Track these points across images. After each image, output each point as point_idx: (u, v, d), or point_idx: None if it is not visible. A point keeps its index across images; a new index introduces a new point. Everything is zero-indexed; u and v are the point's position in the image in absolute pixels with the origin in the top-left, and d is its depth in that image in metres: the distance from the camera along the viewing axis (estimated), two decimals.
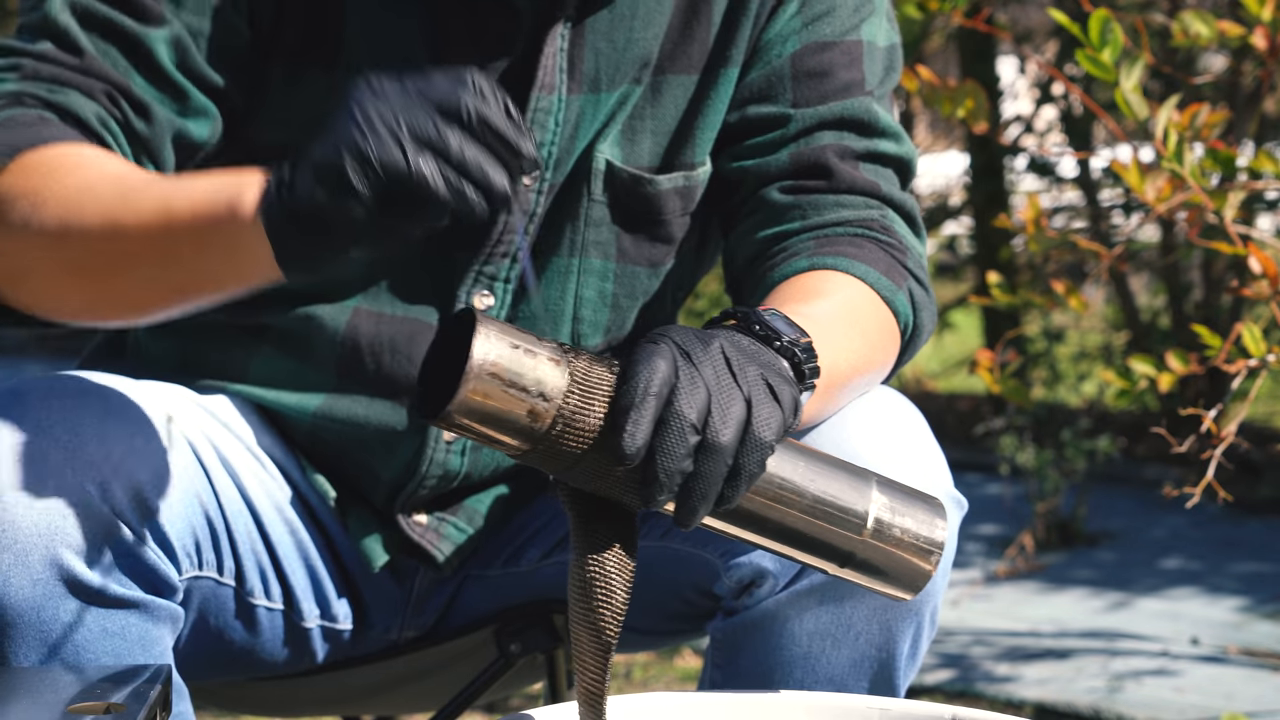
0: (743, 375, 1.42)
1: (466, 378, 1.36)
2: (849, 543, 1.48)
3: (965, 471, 5.31)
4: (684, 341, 1.42)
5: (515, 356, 1.37)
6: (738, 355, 1.43)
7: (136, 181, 1.57)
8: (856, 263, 1.75)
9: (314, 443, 1.89)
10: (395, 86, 1.40)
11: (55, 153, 1.61)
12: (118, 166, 1.61)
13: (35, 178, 1.60)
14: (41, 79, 1.68)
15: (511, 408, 1.37)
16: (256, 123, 1.77)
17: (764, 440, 1.41)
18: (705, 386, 1.39)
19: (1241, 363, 2.31)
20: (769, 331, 1.51)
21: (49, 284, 1.61)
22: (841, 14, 1.83)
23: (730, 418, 1.40)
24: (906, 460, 1.71)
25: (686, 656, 3.76)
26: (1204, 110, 2.34)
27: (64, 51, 1.69)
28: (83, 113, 1.67)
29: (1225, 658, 3.74)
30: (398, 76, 1.41)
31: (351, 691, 2.04)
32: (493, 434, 1.38)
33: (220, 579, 1.81)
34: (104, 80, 1.69)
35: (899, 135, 1.85)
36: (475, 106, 1.38)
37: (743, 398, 1.41)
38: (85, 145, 1.63)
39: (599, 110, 1.81)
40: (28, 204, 1.59)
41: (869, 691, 1.74)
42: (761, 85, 1.83)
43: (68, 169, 1.60)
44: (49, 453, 1.57)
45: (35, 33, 1.71)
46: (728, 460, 1.40)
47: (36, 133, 1.63)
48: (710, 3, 1.81)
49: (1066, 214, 5.87)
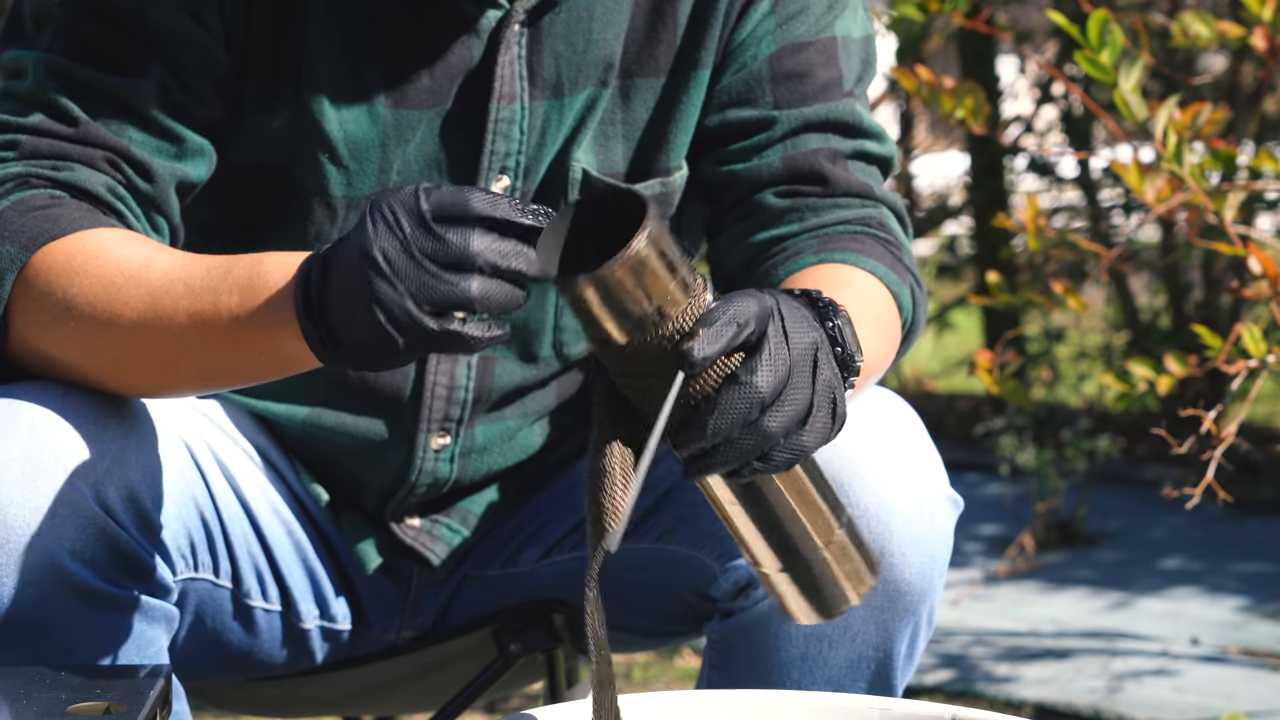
0: (821, 376, 1.42)
1: (629, 251, 1.33)
2: (809, 548, 1.48)
3: (965, 471, 5.30)
4: (788, 314, 1.42)
5: (674, 250, 1.36)
6: (825, 357, 1.43)
7: (163, 282, 1.57)
8: (865, 258, 1.75)
9: (305, 448, 1.89)
10: (408, 233, 1.42)
11: (76, 248, 1.61)
12: (140, 257, 1.60)
13: (62, 279, 1.60)
14: (42, 155, 1.67)
15: (645, 296, 1.35)
16: (233, 145, 1.77)
17: (805, 447, 1.42)
18: (788, 368, 1.39)
19: (1241, 363, 2.31)
20: (842, 341, 1.51)
21: (88, 378, 1.63)
22: (815, 11, 1.82)
23: (790, 411, 1.40)
24: (901, 460, 1.71)
25: (686, 656, 3.76)
26: (1205, 109, 2.34)
27: (57, 122, 1.68)
28: (92, 187, 1.66)
29: (1225, 658, 3.74)
30: (411, 208, 1.43)
31: (351, 692, 2.04)
32: (607, 314, 1.36)
33: (217, 581, 1.81)
34: (102, 147, 1.68)
35: (881, 135, 1.85)
36: (489, 254, 1.41)
37: (809, 398, 1.41)
38: (101, 230, 1.62)
39: (564, 115, 1.79)
40: (59, 307, 1.60)
41: (867, 692, 1.74)
42: (740, 88, 1.82)
43: (90, 271, 1.59)
44: (42, 454, 1.57)
45: (24, 104, 1.69)
46: (765, 446, 1.40)
47: (52, 219, 1.62)
48: (675, 4, 1.80)
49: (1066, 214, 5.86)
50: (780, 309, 1.41)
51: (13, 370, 1.64)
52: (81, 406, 1.60)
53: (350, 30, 1.73)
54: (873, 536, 1.68)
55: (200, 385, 1.62)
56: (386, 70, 1.75)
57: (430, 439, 1.86)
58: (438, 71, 1.75)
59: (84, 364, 1.61)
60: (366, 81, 1.74)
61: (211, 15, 1.70)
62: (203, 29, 1.70)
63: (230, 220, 1.79)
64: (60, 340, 1.61)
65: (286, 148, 1.76)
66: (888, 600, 1.71)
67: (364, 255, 1.42)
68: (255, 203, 1.78)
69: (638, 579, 1.90)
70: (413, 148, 1.77)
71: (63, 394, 1.61)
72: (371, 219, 1.43)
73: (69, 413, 1.59)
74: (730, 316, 1.37)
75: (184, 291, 1.55)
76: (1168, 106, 2.28)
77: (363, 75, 1.74)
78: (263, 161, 1.77)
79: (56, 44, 1.69)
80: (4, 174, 1.66)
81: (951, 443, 5.50)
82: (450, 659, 2.00)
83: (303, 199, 1.77)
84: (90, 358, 1.60)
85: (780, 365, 1.39)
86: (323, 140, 1.75)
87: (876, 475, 1.69)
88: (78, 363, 1.61)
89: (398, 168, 1.77)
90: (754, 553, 1.49)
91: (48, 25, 1.70)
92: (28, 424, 1.58)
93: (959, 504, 1.76)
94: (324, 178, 1.76)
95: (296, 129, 1.75)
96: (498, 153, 1.77)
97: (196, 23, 1.70)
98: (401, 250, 1.41)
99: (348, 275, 1.43)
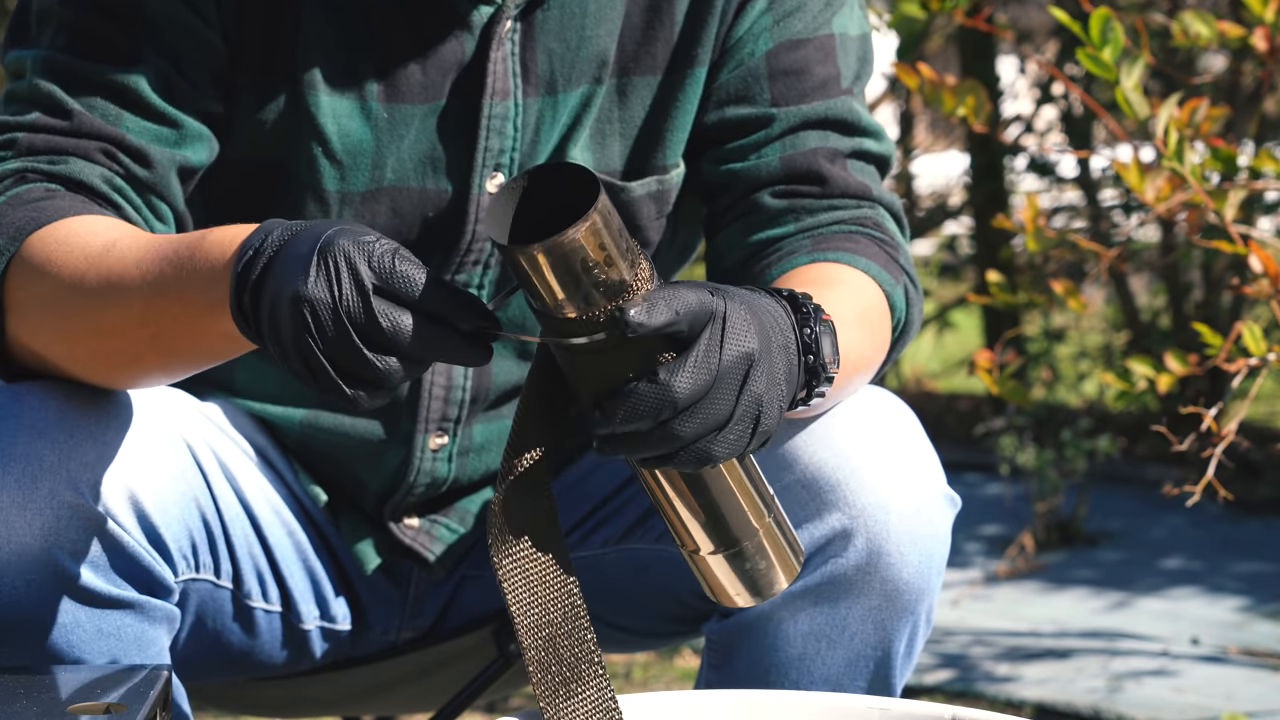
0: (749, 390, 1.41)
1: (584, 220, 1.33)
2: (744, 528, 1.48)
3: (965, 471, 5.30)
4: (734, 319, 1.40)
5: (622, 229, 1.36)
6: (760, 371, 1.41)
7: (118, 265, 1.56)
8: (858, 257, 1.74)
9: (303, 449, 1.89)
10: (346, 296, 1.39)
11: (51, 237, 1.61)
12: (101, 242, 1.59)
13: (39, 270, 1.60)
14: (38, 151, 1.68)
15: (590, 266, 1.35)
16: (230, 138, 1.77)
17: (714, 456, 1.41)
18: (712, 377, 1.39)
19: (1242, 361, 2.31)
20: (817, 349, 1.50)
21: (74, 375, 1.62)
22: (812, 8, 1.82)
23: (704, 419, 1.39)
24: (898, 460, 1.70)
25: (686, 656, 3.75)
26: (1203, 105, 2.34)
27: (53, 117, 1.69)
28: (88, 179, 1.67)
29: (1225, 658, 3.74)
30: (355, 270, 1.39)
31: (351, 692, 2.04)
32: (556, 280, 1.35)
33: (218, 582, 1.81)
34: (97, 138, 1.68)
35: (879, 133, 1.85)
36: (416, 345, 1.39)
37: (729, 411, 1.40)
38: (80, 217, 1.62)
39: (559, 112, 1.79)
40: (37, 299, 1.60)
41: (866, 691, 1.74)
42: (737, 86, 1.82)
43: (59, 260, 1.59)
44: (44, 454, 1.57)
45: (22, 103, 1.70)
46: (671, 446, 1.39)
47: (41, 209, 1.63)
48: (672, 2, 1.80)
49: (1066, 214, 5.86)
50: (726, 313, 1.39)
51: (17, 371, 1.64)
52: (84, 407, 1.60)
53: (344, 24, 1.74)
54: (870, 536, 1.68)
55: (167, 369, 1.60)
56: (379, 64, 1.75)
57: (428, 439, 1.86)
58: (430, 67, 1.75)
59: (66, 358, 1.60)
60: (360, 75, 1.74)
61: (208, 5, 1.71)
62: (198, 18, 1.71)
63: (226, 217, 1.79)
64: (44, 334, 1.61)
65: (281, 142, 1.76)
66: (886, 599, 1.71)
67: (295, 299, 1.39)
68: (250, 199, 1.78)
69: (638, 579, 1.90)
70: (407, 144, 1.77)
71: (66, 394, 1.61)
72: (319, 260, 1.39)
73: (71, 413, 1.59)
74: (667, 302, 1.37)
75: (135, 273, 1.54)
76: (1169, 104, 2.28)
77: (356, 69, 1.75)
78: (258, 156, 1.77)
79: (57, 40, 1.70)
80: (2, 170, 1.66)
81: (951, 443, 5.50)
82: (450, 659, 2.00)
83: (297, 194, 1.77)
84: (68, 350, 1.60)
85: (703, 373, 1.38)
86: (316, 134, 1.75)
87: (873, 475, 1.69)
88: (62, 358, 1.61)
89: (392, 164, 1.77)
90: (678, 533, 1.49)
91: (49, 23, 1.71)
92: (30, 423, 1.58)
93: (956, 503, 1.76)
94: (318, 172, 1.76)
95: (291, 123, 1.76)
96: (492, 149, 1.77)
97: (192, 11, 1.70)
98: (331, 313, 1.38)
99: (275, 304, 1.40)
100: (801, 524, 1.68)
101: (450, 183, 1.78)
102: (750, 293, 1.46)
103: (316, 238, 1.40)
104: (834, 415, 1.70)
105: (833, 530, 1.68)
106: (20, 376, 1.64)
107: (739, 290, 1.44)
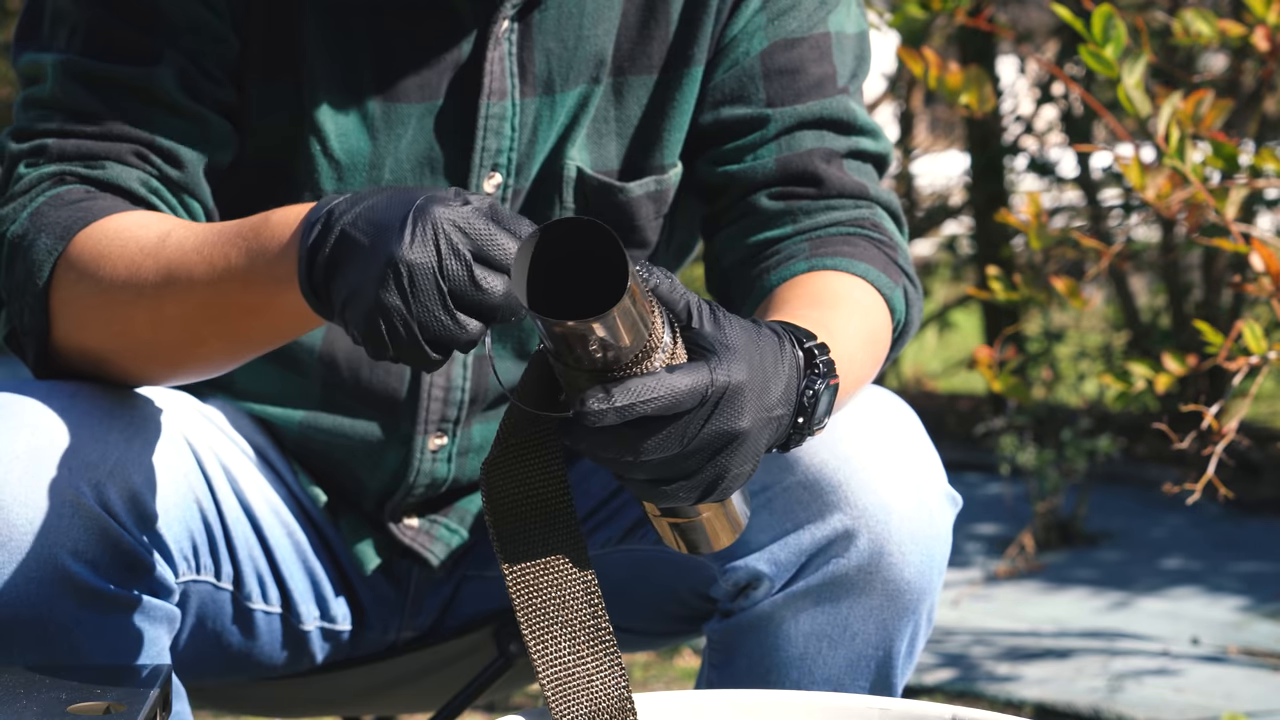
0: (717, 463, 1.40)
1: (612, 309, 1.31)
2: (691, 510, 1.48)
3: (965, 471, 5.30)
4: (730, 395, 1.38)
5: (645, 303, 1.35)
6: (736, 451, 1.40)
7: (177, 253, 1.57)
8: (856, 261, 1.74)
9: (303, 450, 1.89)
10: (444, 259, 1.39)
11: (101, 233, 1.61)
12: (157, 233, 1.60)
13: (91, 265, 1.60)
14: (70, 156, 1.68)
15: (607, 346, 1.34)
16: (241, 138, 1.77)
17: (657, 503, 1.43)
18: (680, 452, 1.37)
19: (1242, 360, 2.31)
20: (812, 411, 1.48)
21: (126, 371, 1.63)
22: (807, 7, 1.81)
23: (658, 476, 1.39)
24: (899, 460, 1.70)
25: (686, 656, 3.75)
26: (1207, 98, 2.33)
27: (80, 122, 1.69)
28: (125, 183, 1.67)
29: (1225, 658, 3.74)
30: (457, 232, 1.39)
31: (351, 692, 2.04)
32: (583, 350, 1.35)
33: (218, 583, 1.81)
34: (128, 140, 1.69)
35: (876, 131, 1.84)
36: (505, 311, 1.40)
37: (691, 472, 1.39)
38: (126, 213, 1.63)
39: (556, 112, 1.79)
40: (91, 294, 1.61)
41: (867, 691, 1.74)
42: (733, 86, 1.81)
43: (114, 254, 1.60)
44: (46, 453, 1.57)
45: (47, 108, 1.70)
46: (624, 479, 1.40)
47: (86, 209, 1.63)
48: (668, 1, 1.79)
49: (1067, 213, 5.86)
50: (726, 392, 1.37)
51: (54, 369, 1.65)
52: (86, 406, 1.60)
53: (343, 23, 1.74)
54: (872, 536, 1.67)
55: (231, 353, 1.62)
56: (377, 64, 1.75)
57: (428, 439, 1.85)
58: (428, 67, 1.75)
59: (119, 352, 1.61)
60: (358, 75, 1.75)
61: (220, 1, 1.71)
62: (213, 13, 1.71)
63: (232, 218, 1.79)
64: (96, 329, 1.61)
65: (284, 143, 1.76)
66: (887, 599, 1.70)
67: (390, 262, 1.38)
68: (255, 201, 1.78)
69: (638, 579, 1.90)
70: (404, 144, 1.77)
71: (68, 393, 1.61)
72: (414, 224, 1.39)
73: (74, 412, 1.59)
74: (667, 387, 1.35)
75: (197, 259, 1.56)
76: (1171, 101, 2.28)
77: (354, 68, 1.75)
78: (263, 157, 1.77)
79: (74, 42, 1.70)
80: (39, 174, 1.67)
81: (951, 443, 5.51)
82: (450, 659, 2.00)
83: (296, 195, 1.77)
84: (123, 344, 1.61)
85: (673, 446, 1.37)
86: (316, 133, 1.75)
87: (875, 475, 1.69)
88: (114, 353, 1.61)
89: (390, 164, 1.77)
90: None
91: (63, 24, 1.70)
92: (32, 422, 1.58)
93: (958, 502, 1.75)
94: (316, 171, 1.76)
95: (293, 123, 1.75)
96: (489, 150, 1.77)
97: (207, 7, 1.70)
98: (431, 275, 1.38)
99: (363, 269, 1.40)
100: (804, 525, 1.68)
101: (447, 182, 1.78)
102: (772, 350, 1.43)
103: (408, 203, 1.40)
104: (835, 416, 1.70)
105: (835, 531, 1.68)
106: (55, 376, 1.64)
107: (762, 350, 1.42)
